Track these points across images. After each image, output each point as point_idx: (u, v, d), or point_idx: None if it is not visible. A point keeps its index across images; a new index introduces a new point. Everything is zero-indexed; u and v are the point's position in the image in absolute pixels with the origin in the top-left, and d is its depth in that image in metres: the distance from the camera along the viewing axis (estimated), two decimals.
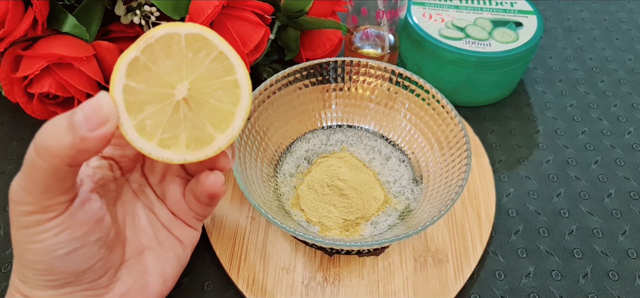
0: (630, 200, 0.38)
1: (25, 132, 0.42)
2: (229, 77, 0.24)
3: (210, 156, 0.24)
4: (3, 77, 0.35)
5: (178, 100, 0.23)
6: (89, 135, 0.21)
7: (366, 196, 0.35)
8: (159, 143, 0.23)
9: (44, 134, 0.21)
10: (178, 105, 0.23)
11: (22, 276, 0.24)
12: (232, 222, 0.35)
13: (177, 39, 0.23)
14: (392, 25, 0.42)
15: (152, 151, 0.23)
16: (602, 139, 0.43)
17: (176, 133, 0.23)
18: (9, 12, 0.32)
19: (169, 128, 0.23)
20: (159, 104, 0.23)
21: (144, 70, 0.22)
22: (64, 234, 0.23)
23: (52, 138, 0.21)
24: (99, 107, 0.21)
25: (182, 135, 0.23)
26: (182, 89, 0.23)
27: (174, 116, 0.23)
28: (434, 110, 0.36)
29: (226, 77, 0.24)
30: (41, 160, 0.21)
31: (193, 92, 0.23)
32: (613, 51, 0.52)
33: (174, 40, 0.23)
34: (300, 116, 0.39)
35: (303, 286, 0.32)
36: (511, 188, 0.39)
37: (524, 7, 0.46)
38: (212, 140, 0.24)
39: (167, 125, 0.23)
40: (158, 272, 0.28)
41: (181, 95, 0.23)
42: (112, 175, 0.27)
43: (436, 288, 0.32)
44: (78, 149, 0.21)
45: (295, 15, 0.39)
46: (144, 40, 0.22)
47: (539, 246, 0.35)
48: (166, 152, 0.23)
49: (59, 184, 0.22)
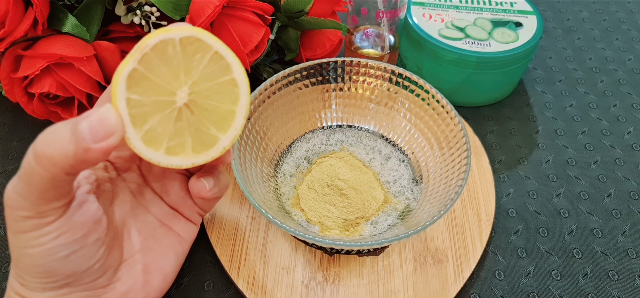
0: (630, 200, 0.38)
1: (25, 132, 0.42)
2: (227, 76, 0.24)
3: (216, 157, 0.24)
4: (3, 77, 0.35)
5: (180, 107, 0.23)
6: (94, 146, 0.20)
7: (366, 196, 0.35)
8: (166, 151, 0.23)
9: (46, 141, 0.21)
10: (180, 112, 0.23)
11: (20, 278, 0.24)
12: (232, 222, 0.35)
13: (172, 44, 0.23)
14: (392, 25, 0.42)
15: (162, 160, 0.23)
16: (602, 139, 0.43)
17: (182, 139, 0.24)
18: (10, 12, 0.32)
19: (174, 135, 0.23)
20: (162, 112, 0.23)
21: (143, 81, 0.22)
22: (63, 237, 0.23)
23: (53, 147, 0.20)
24: (106, 119, 0.21)
25: (188, 141, 0.24)
26: (182, 94, 0.23)
27: (178, 123, 0.23)
28: (434, 110, 0.36)
29: (224, 76, 0.24)
30: (40, 168, 0.20)
31: (193, 96, 0.23)
32: (613, 51, 0.52)
33: (169, 46, 0.23)
34: (300, 116, 0.39)
35: (303, 286, 0.32)
36: (511, 188, 0.39)
37: (523, 7, 0.46)
38: (217, 141, 0.24)
39: (173, 132, 0.23)
40: (157, 269, 0.28)
41: (182, 101, 0.23)
42: (107, 176, 0.27)
43: (436, 288, 0.32)
44: (80, 159, 0.20)
45: (295, 15, 0.39)
46: (139, 50, 0.22)
47: (539, 246, 0.35)
48: (175, 159, 0.23)
49: (56, 191, 0.21)
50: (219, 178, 0.28)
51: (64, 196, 0.22)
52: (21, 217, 0.22)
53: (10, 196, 0.22)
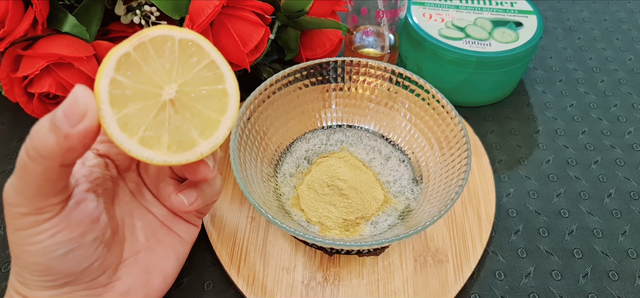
0: (630, 200, 0.38)
1: (25, 132, 0.42)
2: (218, 85, 0.24)
3: (191, 161, 0.23)
4: (3, 77, 0.35)
5: (165, 101, 0.23)
6: (72, 131, 0.20)
7: (366, 196, 0.35)
8: (140, 141, 0.22)
9: (32, 135, 0.21)
10: (164, 106, 0.23)
11: (20, 277, 0.24)
12: (232, 222, 0.35)
13: (171, 42, 0.23)
14: (392, 25, 0.42)
15: (133, 148, 0.22)
16: (602, 139, 0.43)
17: (159, 133, 0.23)
18: (9, 12, 0.32)
19: (152, 127, 0.22)
20: (145, 102, 0.22)
21: (133, 67, 0.22)
22: (60, 235, 0.23)
23: (38, 140, 0.20)
24: (75, 101, 0.20)
25: (164, 136, 0.23)
26: (170, 90, 0.23)
27: (159, 116, 0.23)
28: (434, 110, 0.36)
29: (215, 85, 0.24)
30: (32, 162, 0.20)
31: (181, 95, 0.23)
32: (613, 51, 0.52)
33: (167, 43, 0.23)
34: (300, 116, 0.39)
35: (303, 286, 0.32)
36: (511, 188, 0.39)
37: (524, 7, 0.46)
38: (195, 145, 0.23)
39: (151, 124, 0.22)
40: (158, 269, 0.28)
41: (168, 97, 0.23)
42: (108, 174, 0.27)
43: (436, 288, 0.32)
44: (64, 147, 0.20)
45: (295, 15, 0.39)
46: (137, 37, 0.22)
47: (539, 246, 0.35)
48: (147, 151, 0.22)
49: (52, 185, 0.21)
50: (203, 191, 0.28)
51: (61, 192, 0.22)
52: (19, 213, 0.22)
53: (8, 193, 0.22)
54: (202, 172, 0.25)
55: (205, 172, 0.25)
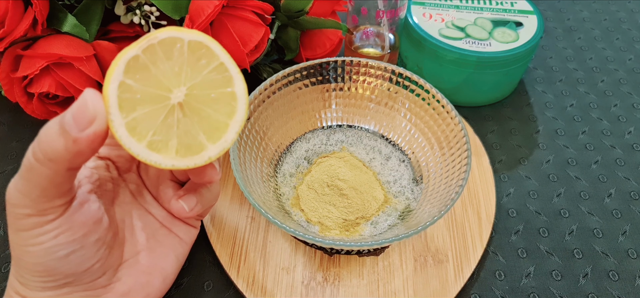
0: (630, 200, 0.38)
1: (25, 132, 0.42)
2: (227, 88, 0.23)
3: (199, 165, 0.23)
4: (3, 77, 0.35)
5: (173, 105, 0.23)
6: (81, 135, 0.20)
7: (366, 196, 0.35)
8: (148, 145, 0.22)
9: (40, 138, 0.21)
10: (173, 109, 0.23)
11: (20, 277, 0.24)
12: (232, 222, 0.35)
13: (180, 44, 0.22)
14: (392, 25, 0.42)
15: (141, 152, 0.22)
16: (602, 139, 0.43)
17: (167, 137, 0.23)
18: (9, 11, 0.32)
19: (160, 131, 0.22)
20: (154, 105, 0.22)
21: (142, 70, 0.22)
22: (63, 236, 0.23)
23: (47, 143, 0.20)
24: (84, 105, 0.20)
25: (172, 141, 0.23)
26: (178, 93, 0.23)
27: (168, 120, 0.23)
28: (434, 110, 0.36)
29: (224, 88, 0.23)
30: (39, 165, 0.20)
31: (189, 99, 0.23)
32: (613, 51, 0.52)
33: (177, 44, 0.22)
34: (300, 116, 0.39)
35: (303, 286, 0.32)
36: (511, 188, 0.39)
37: (524, 7, 0.46)
38: (203, 149, 0.23)
39: (159, 128, 0.22)
40: (158, 270, 0.28)
41: (177, 100, 0.23)
42: (109, 175, 0.27)
43: (436, 288, 0.32)
44: (73, 151, 0.20)
45: (295, 15, 0.39)
46: (146, 40, 0.22)
47: (539, 246, 0.35)
48: (155, 156, 0.22)
49: (57, 188, 0.21)
50: (202, 196, 0.28)
51: (65, 194, 0.22)
52: (22, 214, 0.22)
53: (12, 194, 0.22)
54: (208, 175, 0.25)
55: (212, 175, 0.26)
